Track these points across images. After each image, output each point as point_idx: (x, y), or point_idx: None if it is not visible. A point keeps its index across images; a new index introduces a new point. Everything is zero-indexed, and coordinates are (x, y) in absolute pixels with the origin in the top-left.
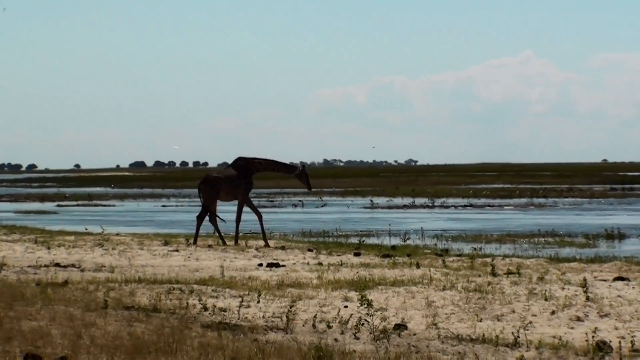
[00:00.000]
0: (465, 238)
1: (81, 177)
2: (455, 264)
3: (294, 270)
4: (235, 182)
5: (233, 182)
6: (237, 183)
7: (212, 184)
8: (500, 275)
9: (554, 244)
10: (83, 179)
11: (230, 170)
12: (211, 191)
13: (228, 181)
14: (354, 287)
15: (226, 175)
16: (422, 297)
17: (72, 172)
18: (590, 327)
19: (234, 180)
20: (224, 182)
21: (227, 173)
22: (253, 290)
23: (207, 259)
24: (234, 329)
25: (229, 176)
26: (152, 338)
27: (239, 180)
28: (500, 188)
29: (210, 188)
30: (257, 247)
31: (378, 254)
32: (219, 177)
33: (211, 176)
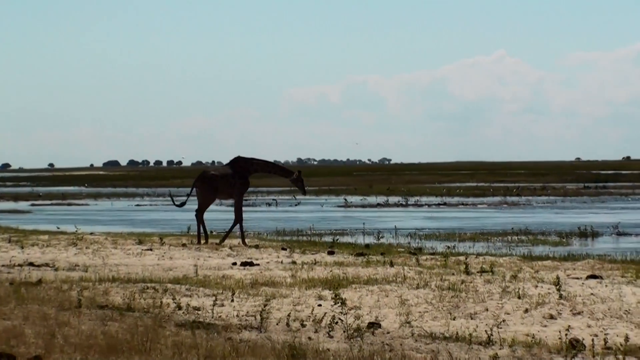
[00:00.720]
0: (439, 236)
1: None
2: (429, 262)
3: (268, 269)
4: (231, 181)
5: (229, 180)
6: (233, 182)
7: (208, 181)
8: (474, 274)
9: (528, 242)
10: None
11: (227, 168)
12: (207, 188)
13: (224, 179)
14: (327, 285)
15: (222, 174)
16: (395, 296)
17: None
18: (563, 325)
19: (230, 179)
20: (221, 180)
21: (224, 171)
22: (227, 289)
23: (181, 258)
24: (208, 328)
25: (226, 174)
26: (125, 337)
27: (235, 179)
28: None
29: (207, 185)
30: (231, 246)
31: (352, 252)
32: (216, 174)
33: (208, 173)
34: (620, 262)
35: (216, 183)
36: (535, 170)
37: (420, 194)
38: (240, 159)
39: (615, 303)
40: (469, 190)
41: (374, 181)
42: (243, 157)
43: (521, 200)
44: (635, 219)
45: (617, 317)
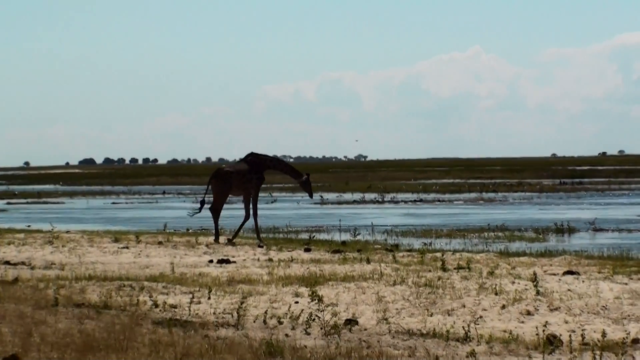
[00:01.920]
0: (416, 233)
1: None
2: (406, 259)
3: (245, 267)
4: (246, 176)
5: (244, 176)
6: (249, 178)
7: (224, 178)
8: (451, 270)
9: (504, 238)
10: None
11: (242, 164)
12: (223, 185)
13: (240, 175)
14: (304, 282)
15: (237, 170)
16: (372, 293)
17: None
18: (540, 321)
19: (245, 174)
20: (236, 177)
21: (239, 167)
22: (204, 286)
23: (158, 256)
24: (185, 326)
25: (241, 170)
26: (102, 335)
27: (251, 175)
28: (449, 183)
29: (222, 182)
30: (207, 243)
31: (328, 249)
32: (231, 171)
33: (223, 170)
34: (597, 258)
35: (231, 179)
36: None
37: (396, 190)
38: (254, 154)
39: (592, 299)
40: (445, 186)
41: (349, 178)
42: (256, 153)
43: (497, 197)
44: (612, 215)
45: (595, 313)
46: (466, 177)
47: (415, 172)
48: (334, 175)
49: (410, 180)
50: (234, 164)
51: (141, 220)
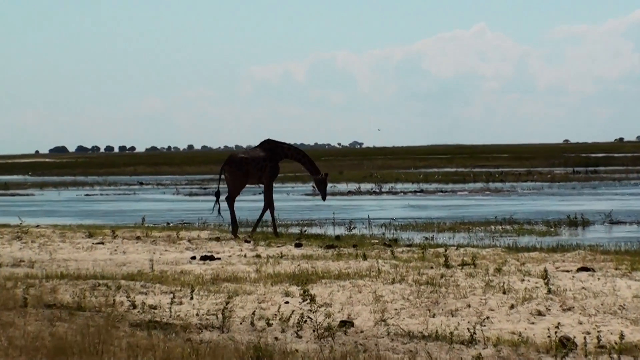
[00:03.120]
0: (416, 227)
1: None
2: (405, 255)
3: (230, 264)
4: (261, 164)
5: (259, 164)
6: (264, 166)
7: (238, 164)
8: (454, 267)
9: (512, 232)
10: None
11: (257, 151)
12: (237, 173)
13: (254, 163)
14: (295, 281)
15: (252, 157)
16: (369, 292)
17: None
18: (552, 322)
19: (260, 162)
20: (251, 163)
21: (254, 154)
22: (186, 285)
23: (135, 252)
24: (165, 328)
25: (256, 157)
26: (75, 339)
27: (266, 162)
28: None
29: (237, 169)
30: (189, 238)
31: (321, 244)
32: (246, 157)
33: (237, 156)
34: (614, 253)
35: (247, 166)
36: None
37: (394, 180)
38: (271, 141)
39: (608, 298)
40: (447, 175)
41: (344, 167)
42: (274, 140)
43: (505, 187)
44: (630, 206)
45: (611, 312)
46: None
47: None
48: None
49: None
50: (248, 150)
51: (117, 213)
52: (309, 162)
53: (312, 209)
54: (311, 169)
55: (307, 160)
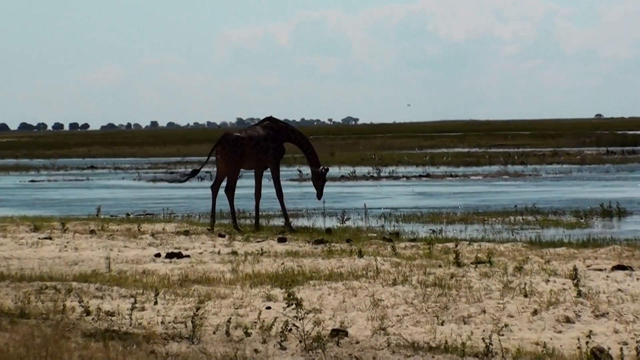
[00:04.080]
0: (421, 218)
1: None
2: (409, 251)
3: (201, 262)
4: (262, 144)
5: (259, 144)
6: (265, 147)
7: (233, 144)
8: (467, 265)
9: (535, 223)
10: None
11: (256, 129)
12: (232, 155)
13: (253, 143)
14: (278, 282)
15: (250, 136)
16: (366, 295)
17: None
18: (583, 330)
19: (261, 142)
20: (249, 144)
21: (252, 133)
22: (149, 288)
23: (89, 249)
24: (125, 339)
25: (254, 137)
26: (18, 351)
27: (267, 143)
28: (465, 153)
29: (231, 151)
30: (153, 232)
31: (309, 239)
32: (242, 137)
33: (232, 135)
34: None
35: (243, 147)
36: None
37: (396, 162)
38: (274, 120)
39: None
40: (458, 157)
41: (336, 147)
42: (275, 118)
43: (526, 170)
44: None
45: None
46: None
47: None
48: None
49: (414, 149)
50: (245, 129)
51: (68, 202)
52: (312, 151)
53: (298, 197)
54: (312, 159)
55: (311, 149)
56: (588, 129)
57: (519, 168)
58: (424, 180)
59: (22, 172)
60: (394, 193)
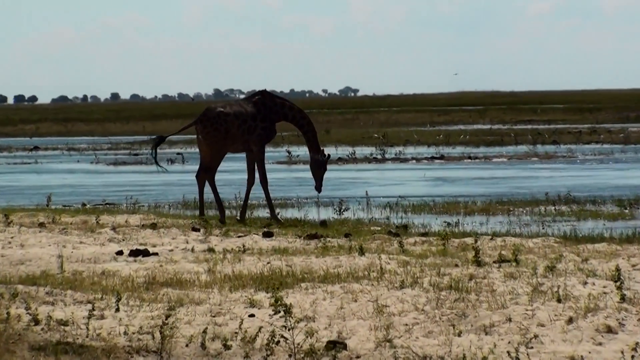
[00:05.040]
0: (434, 208)
1: None
2: (419, 247)
3: (172, 261)
4: (249, 123)
5: (246, 123)
6: (252, 126)
7: (215, 122)
8: (489, 265)
9: (570, 214)
10: None
11: (244, 105)
12: (214, 134)
13: (239, 122)
14: (263, 285)
15: (236, 112)
16: (368, 300)
17: None
18: (627, 342)
19: (247, 120)
20: (234, 123)
21: (238, 109)
22: (109, 292)
23: (38, 245)
24: (81, 352)
25: (241, 114)
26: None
27: (255, 122)
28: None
29: (213, 129)
30: (114, 225)
31: (300, 233)
32: (227, 112)
33: (214, 111)
34: None
35: (226, 125)
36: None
37: (403, 142)
38: (267, 94)
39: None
40: (478, 135)
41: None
42: (270, 93)
43: (559, 151)
44: None
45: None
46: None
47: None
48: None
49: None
50: (231, 102)
51: (12, 190)
52: (313, 133)
53: (288, 183)
54: (313, 143)
55: (311, 131)
56: (632, 102)
57: (550, 148)
58: (437, 163)
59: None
60: (401, 178)
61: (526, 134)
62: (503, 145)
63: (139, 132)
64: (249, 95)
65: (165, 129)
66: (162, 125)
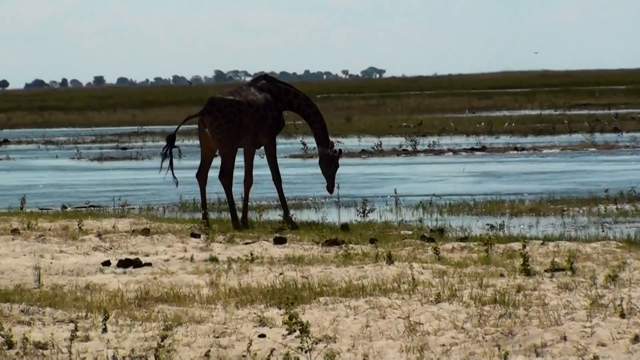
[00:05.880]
0: (475, 208)
1: None
2: (457, 255)
3: (168, 272)
4: (261, 113)
5: (259, 112)
6: (264, 116)
7: (227, 112)
8: (540, 274)
9: (635, 215)
10: None
11: (251, 91)
12: (228, 126)
13: (253, 110)
14: (275, 300)
15: (250, 101)
16: (398, 317)
17: None
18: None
19: (260, 110)
20: (247, 112)
21: (251, 97)
22: (95, 309)
23: (11, 255)
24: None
25: (254, 103)
26: None
27: (266, 111)
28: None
29: (226, 120)
30: (100, 231)
31: (318, 239)
32: (239, 101)
33: (224, 99)
34: None
35: (240, 115)
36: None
37: (438, 131)
38: (271, 79)
39: None
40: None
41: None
42: (274, 78)
43: (621, 140)
44: None
45: None
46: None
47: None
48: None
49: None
50: (237, 89)
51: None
52: (322, 124)
53: (303, 180)
54: (321, 135)
55: (319, 122)
56: None
57: (610, 137)
58: (477, 156)
59: None
60: (436, 174)
61: (582, 120)
62: (555, 134)
63: (127, 121)
64: (251, 80)
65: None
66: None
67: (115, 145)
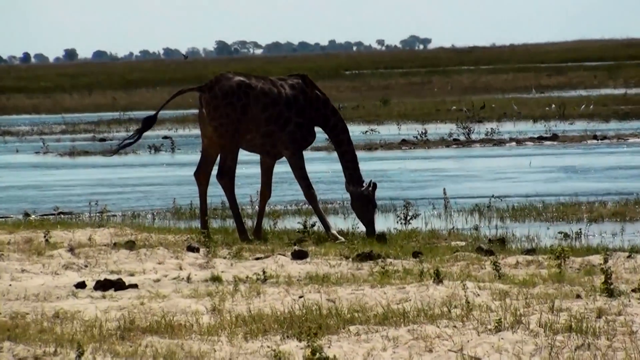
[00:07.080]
0: (544, 212)
1: None
2: (523, 270)
3: (158, 296)
4: (279, 109)
5: (276, 106)
6: (283, 116)
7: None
8: (626, 295)
9: None
10: None
11: (277, 84)
12: (228, 111)
13: (268, 100)
14: (294, 330)
15: (264, 89)
16: (449, 349)
17: None
18: None
19: (278, 104)
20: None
21: (269, 86)
22: (66, 343)
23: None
24: None
25: (272, 92)
26: None
27: (290, 113)
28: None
29: (226, 104)
30: (72, 244)
31: (347, 252)
32: (250, 84)
33: (232, 78)
34: None
35: (249, 100)
36: None
37: (497, 116)
38: (308, 80)
39: None
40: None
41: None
42: (315, 84)
43: None
44: None
45: None
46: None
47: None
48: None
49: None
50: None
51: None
52: (353, 157)
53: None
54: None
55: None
56: None
57: None
58: (547, 146)
59: None
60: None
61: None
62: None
63: (106, 106)
64: (289, 76)
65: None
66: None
67: (91, 136)
